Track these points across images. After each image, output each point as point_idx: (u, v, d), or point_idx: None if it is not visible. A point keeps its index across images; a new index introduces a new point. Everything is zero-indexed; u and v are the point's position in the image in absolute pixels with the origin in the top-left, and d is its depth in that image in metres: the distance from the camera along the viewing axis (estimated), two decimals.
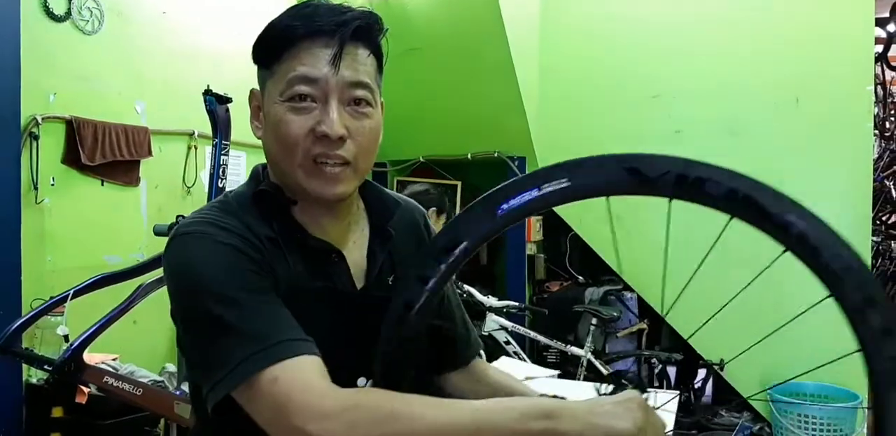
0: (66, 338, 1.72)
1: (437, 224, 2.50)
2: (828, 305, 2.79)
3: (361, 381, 0.94)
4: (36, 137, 2.52)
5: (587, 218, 4.27)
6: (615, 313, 3.78)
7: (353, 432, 0.72)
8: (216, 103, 1.76)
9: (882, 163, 8.40)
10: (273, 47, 0.88)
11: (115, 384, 1.64)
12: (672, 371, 4.53)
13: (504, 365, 2.68)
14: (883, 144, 8.12)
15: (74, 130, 2.65)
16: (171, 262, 0.86)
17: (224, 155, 1.72)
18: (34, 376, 2.52)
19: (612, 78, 4.23)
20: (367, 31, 0.89)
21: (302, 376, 0.76)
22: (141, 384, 1.65)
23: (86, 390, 2.41)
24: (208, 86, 1.77)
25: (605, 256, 4.26)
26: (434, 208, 2.60)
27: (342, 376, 0.79)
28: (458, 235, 0.82)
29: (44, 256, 2.55)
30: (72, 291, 1.68)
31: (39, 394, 2.47)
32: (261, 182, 0.94)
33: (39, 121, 2.52)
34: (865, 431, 3.93)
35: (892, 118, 7.16)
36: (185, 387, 1.60)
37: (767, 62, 3.96)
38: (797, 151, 3.95)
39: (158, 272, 1.74)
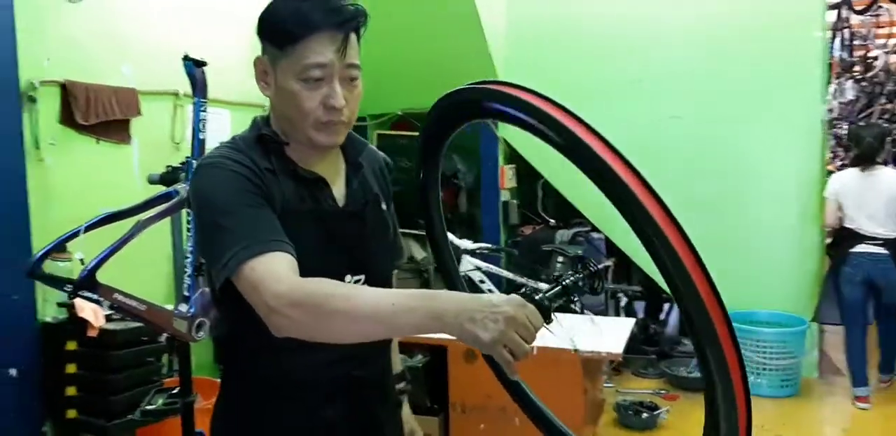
0: (81, 261, 2.03)
1: None
2: (782, 238, 3.29)
3: (348, 278, 1.22)
4: (34, 100, 2.75)
5: (555, 165, 4.52)
6: (579, 251, 4.08)
7: (296, 307, 0.97)
8: (194, 67, 2.01)
9: (859, 105, 8.55)
10: (289, 34, 1.12)
11: (122, 300, 1.93)
12: (640, 306, 4.86)
13: None
14: (856, 87, 8.27)
15: (69, 92, 2.88)
16: (195, 185, 1.15)
17: (203, 111, 1.97)
18: (48, 315, 2.82)
19: (575, 30, 4.43)
20: (359, 26, 1.16)
21: (271, 267, 1.02)
22: (144, 301, 1.94)
23: (96, 325, 2.72)
24: (186, 53, 2.02)
25: (574, 200, 4.53)
26: None
27: (332, 274, 1.04)
28: None
29: (49, 209, 2.81)
30: (84, 226, 1.96)
31: (54, 331, 2.78)
32: (261, 129, 1.22)
33: (36, 85, 2.75)
34: (816, 353, 4.30)
35: (860, 62, 7.29)
36: (182, 307, 1.90)
37: (723, 11, 4.14)
38: (751, 98, 4.16)
39: (153, 211, 2.02)
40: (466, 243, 4.00)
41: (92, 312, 2.69)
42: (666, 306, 4.71)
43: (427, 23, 4.10)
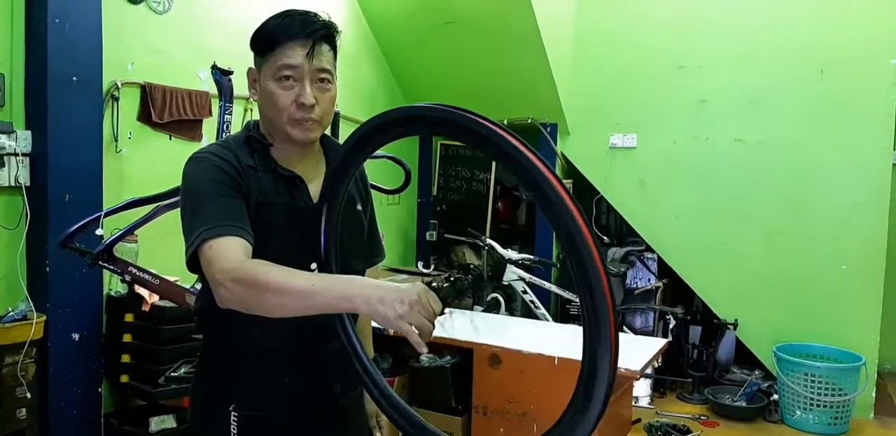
0: (101, 237, 2.29)
1: None
2: (843, 272, 3.41)
3: (313, 265, 1.38)
4: (116, 99, 3.12)
5: (613, 182, 4.54)
6: (622, 269, 4.07)
7: (237, 282, 1.12)
8: (221, 75, 2.26)
9: None
10: (267, 43, 1.33)
11: (137, 273, 2.18)
12: (697, 330, 4.76)
13: None
14: None
15: (147, 93, 3.24)
16: (183, 174, 1.33)
17: (228, 114, 2.22)
18: (113, 289, 3.17)
19: (640, 50, 4.44)
20: (328, 35, 1.36)
21: (224, 247, 1.19)
22: (158, 276, 2.18)
23: (149, 300, 3.03)
24: (214, 62, 2.26)
25: (629, 217, 4.52)
26: None
27: (299, 262, 1.20)
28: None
29: (122, 196, 3.15)
30: (105, 211, 2.23)
31: (116, 303, 3.12)
32: (250, 131, 1.42)
33: (119, 85, 3.12)
34: (873, 393, 4.06)
35: None
36: (198, 285, 2.09)
37: (793, 35, 4.05)
38: (819, 121, 4.05)
39: (173, 199, 2.25)
40: (511, 254, 4.10)
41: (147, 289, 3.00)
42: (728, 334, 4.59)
43: (491, 41, 4.25)
